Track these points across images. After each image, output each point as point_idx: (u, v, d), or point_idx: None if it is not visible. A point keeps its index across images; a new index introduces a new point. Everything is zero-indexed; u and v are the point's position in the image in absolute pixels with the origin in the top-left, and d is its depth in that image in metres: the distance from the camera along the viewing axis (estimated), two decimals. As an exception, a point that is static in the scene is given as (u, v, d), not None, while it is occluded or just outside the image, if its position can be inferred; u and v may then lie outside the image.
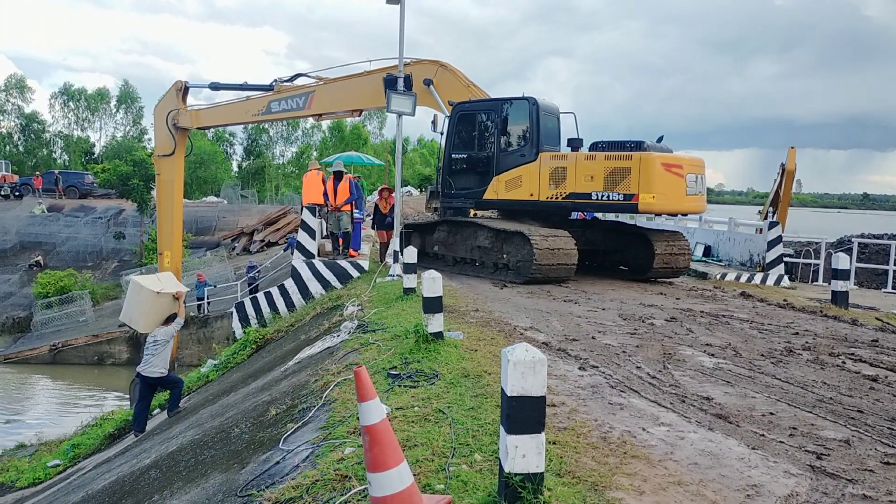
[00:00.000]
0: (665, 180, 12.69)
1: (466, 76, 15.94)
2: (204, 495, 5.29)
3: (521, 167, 14.06)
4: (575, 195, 13.33)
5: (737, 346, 8.11)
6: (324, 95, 17.50)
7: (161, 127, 19.66)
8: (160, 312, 11.16)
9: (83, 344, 26.27)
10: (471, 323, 8.92)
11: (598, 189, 13.00)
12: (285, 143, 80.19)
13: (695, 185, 13.20)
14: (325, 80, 17.64)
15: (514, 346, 3.47)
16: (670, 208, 13.65)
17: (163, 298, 11.15)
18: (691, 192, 13.10)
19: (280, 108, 18.11)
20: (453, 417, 5.04)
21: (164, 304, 11.16)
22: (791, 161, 20.36)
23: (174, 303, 11.21)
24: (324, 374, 7.23)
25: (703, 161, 13.90)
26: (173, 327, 11.07)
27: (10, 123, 72.72)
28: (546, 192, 13.69)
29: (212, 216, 45.54)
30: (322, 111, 18.02)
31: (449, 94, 15.47)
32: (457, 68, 15.95)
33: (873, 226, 43.28)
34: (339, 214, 16.37)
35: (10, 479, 13.03)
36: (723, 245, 20.61)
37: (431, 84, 15.63)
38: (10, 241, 41.34)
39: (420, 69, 15.91)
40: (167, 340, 11.02)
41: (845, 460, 4.55)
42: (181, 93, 19.39)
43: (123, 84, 79.33)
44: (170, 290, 11.28)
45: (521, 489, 3.44)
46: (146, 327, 11.34)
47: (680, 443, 4.74)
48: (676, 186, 12.85)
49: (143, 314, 11.19)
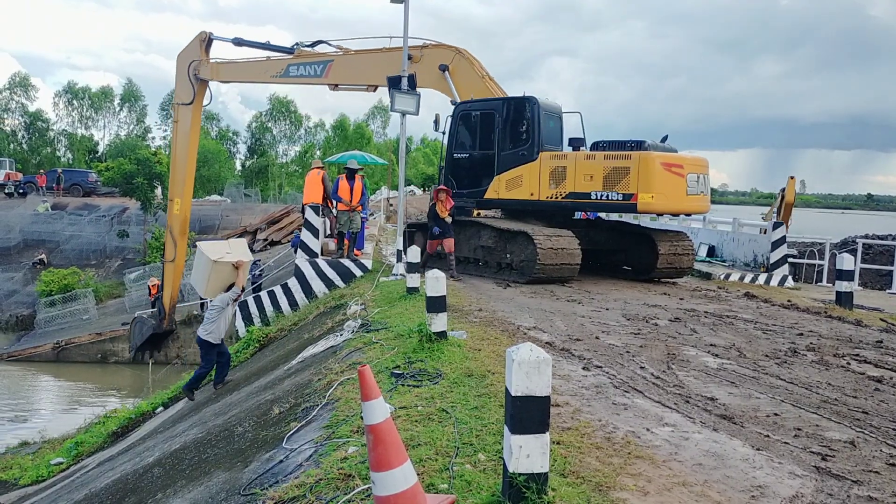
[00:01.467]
0: (664, 180, 12.63)
1: (484, 68, 15.78)
2: (207, 494, 5.29)
3: (522, 167, 14.07)
4: (574, 195, 13.32)
5: (741, 347, 8.09)
6: (342, 66, 17.44)
7: (182, 75, 19.63)
8: (220, 280, 10.99)
9: (86, 342, 26.30)
10: (474, 322, 8.91)
11: (597, 189, 12.98)
12: (288, 142, 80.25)
13: (696, 185, 13.14)
14: (345, 51, 17.55)
15: (518, 346, 3.46)
16: (670, 208, 13.60)
17: (221, 266, 10.91)
18: (693, 192, 13.04)
19: (298, 73, 18.07)
20: (457, 417, 5.03)
21: (224, 272, 10.94)
22: (790, 192, 20.51)
23: (235, 271, 10.98)
24: (327, 373, 7.23)
25: (706, 161, 13.87)
26: (228, 295, 10.86)
27: (15, 121, 72.87)
28: (546, 191, 13.70)
29: (215, 215, 45.58)
30: (338, 81, 17.89)
31: (464, 83, 15.42)
32: (476, 58, 15.78)
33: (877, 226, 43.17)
34: (353, 214, 15.77)
35: (13, 476, 13.05)
36: (727, 245, 20.57)
37: (447, 70, 15.56)
38: (14, 239, 41.42)
39: (437, 53, 15.81)
40: (221, 308, 10.83)
41: (850, 461, 4.53)
42: (204, 44, 19.33)
43: (127, 83, 79.51)
44: (230, 258, 10.97)
45: (525, 489, 3.44)
46: (206, 293, 11.35)
47: (684, 443, 4.73)
48: (677, 186, 12.79)
49: (203, 280, 11.12)
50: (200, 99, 19.74)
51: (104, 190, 48.19)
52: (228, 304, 10.92)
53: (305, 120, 79.91)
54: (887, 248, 23.28)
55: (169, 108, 77.85)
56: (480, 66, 15.75)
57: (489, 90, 15.25)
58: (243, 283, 11.24)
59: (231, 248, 11.42)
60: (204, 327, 10.97)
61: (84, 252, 40.40)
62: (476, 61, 15.77)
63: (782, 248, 17.65)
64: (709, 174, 13.80)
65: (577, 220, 15.86)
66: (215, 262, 10.89)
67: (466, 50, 15.88)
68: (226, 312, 10.93)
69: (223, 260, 10.94)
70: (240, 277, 10.96)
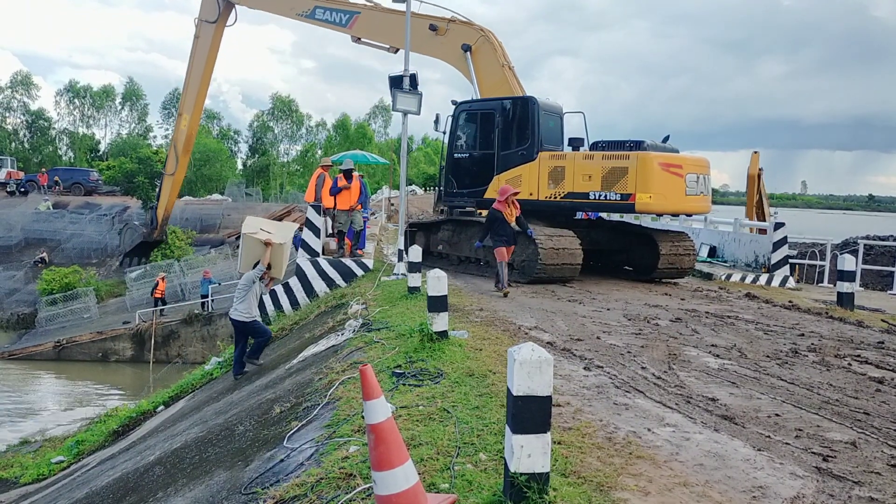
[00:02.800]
0: (663, 180, 12.58)
1: (508, 56, 15.57)
2: (208, 493, 5.29)
3: (521, 166, 14.08)
4: (573, 195, 13.32)
5: (742, 347, 8.09)
6: (368, 20, 17.33)
7: None
8: (249, 255, 10.95)
9: (87, 341, 26.31)
10: (475, 322, 8.91)
11: (595, 189, 12.97)
12: (290, 142, 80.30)
13: (696, 185, 13.10)
14: (374, 6, 17.43)
15: (520, 346, 3.47)
16: (669, 209, 13.55)
17: (249, 240, 10.87)
18: (692, 193, 13.00)
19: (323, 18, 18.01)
20: (458, 417, 5.03)
21: (254, 248, 10.89)
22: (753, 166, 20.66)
23: (264, 249, 10.86)
24: (328, 373, 7.23)
25: (707, 161, 13.84)
26: (252, 273, 10.78)
27: (17, 120, 72.92)
28: (545, 191, 13.71)
29: (216, 214, 45.60)
30: (362, 35, 17.73)
31: (483, 68, 15.33)
32: (500, 44, 15.42)
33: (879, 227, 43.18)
34: (353, 213, 15.69)
35: (14, 475, 13.06)
36: (728, 246, 20.56)
37: (469, 51, 15.47)
38: (16, 237, 41.44)
39: (463, 30, 15.65)
40: (247, 286, 10.75)
41: (851, 462, 4.53)
42: None
43: (128, 81, 79.66)
44: (260, 236, 10.90)
45: (526, 489, 3.44)
46: (240, 266, 11.34)
47: (685, 443, 4.73)
48: (675, 186, 12.73)
49: (240, 253, 11.19)
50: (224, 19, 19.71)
51: (105, 189, 48.24)
52: (254, 282, 10.78)
53: (307, 119, 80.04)
54: (889, 249, 23.29)
55: (171, 105, 78.30)
56: (504, 54, 15.48)
57: (507, 81, 15.14)
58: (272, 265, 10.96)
59: (272, 228, 11.39)
60: (234, 306, 10.95)
61: (85, 251, 40.41)
62: (500, 48, 15.43)
63: (783, 249, 17.64)
64: (710, 174, 13.77)
65: (578, 220, 15.85)
66: (244, 234, 10.96)
67: (493, 34, 15.51)
68: (253, 289, 10.80)
69: (253, 235, 10.88)
70: (266, 256, 10.79)
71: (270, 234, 11.00)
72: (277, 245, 10.98)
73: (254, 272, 10.80)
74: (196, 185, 64.22)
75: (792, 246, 20.27)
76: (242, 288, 10.84)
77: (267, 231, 11.11)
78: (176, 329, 25.74)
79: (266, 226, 11.49)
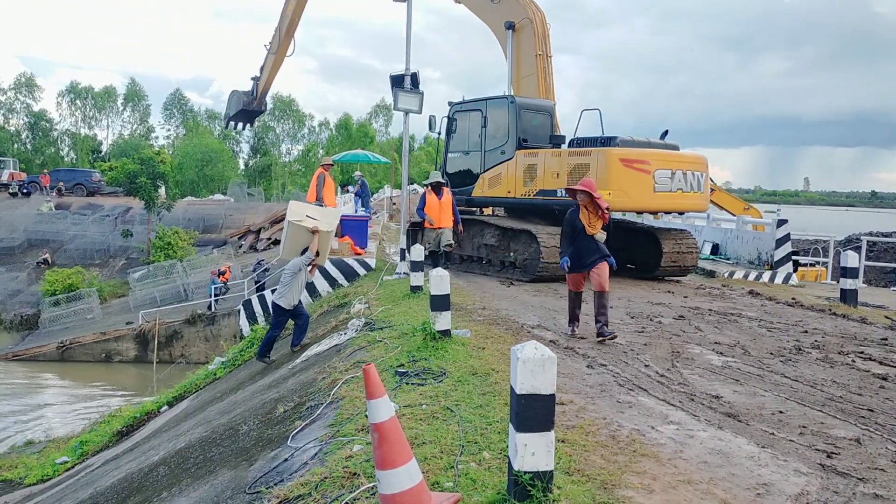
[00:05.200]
0: (624, 177, 12.44)
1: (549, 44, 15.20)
2: (212, 492, 5.30)
3: (502, 165, 14.43)
4: (544, 192, 13.48)
5: (745, 345, 8.08)
6: None
7: None
8: (294, 241, 10.92)
9: (91, 341, 26.32)
10: (478, 321, 8.92)
11: (562, 186, 12.98)
12: (292, 141, 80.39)
13: (670, 181, 12.79)
14: None
15: (523, 344, 3.47)
16: (631, 206, 13.28)
17: (295, 228, 10.82)
18: (663, 189, 12.72)
19: None
20: (461, 415, 5.03)
21: (300, 235, 10.85)
22: None
23: (311, 236, 10.84)
24: (331, 372, 7.24)
25: (699, 158, 13.64)
26: (301, 260, 10.74)
27: (20, 122, 73.02)
28: (521, 189, 13.96)
29: (219, 214, 45.65)
30: None
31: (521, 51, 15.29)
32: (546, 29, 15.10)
33: (881, 224, 43.11)
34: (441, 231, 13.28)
35: (18, 475, 13.08)
36: (731, 243, 20.54)
37: (511, 29, 15.40)
38: (18, 238, 41.46)
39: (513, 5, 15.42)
40: (294, 272, 10.70)
41: (856, 459, 4.53)
42: None
43: (130, 82, 79.74)
44: (307, 223, 10.87)
45: (530, 487, 3.44)
46: (283, 253, 11.37)
47: (689, 441, 4.73)
48: (640, 183, 12.53)
49: (283, 240, 11.17)
50: None
51: (108, 190, 48.27)
52: (301, 270, 10.75)
53: (308, 119, 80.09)
54: (892, 246, 23.25)
55: (173, 106, 78.41)
56: (544, 42, 15.26)
57: (536, 72, 15.13)
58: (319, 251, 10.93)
59: (318, 214, 11.35)
60: (278, 291, 10.94)
61: (88, 252, 40.44)
62: (541, 34, 15.10)
63: (787, 246, 17.62)
64: (703, 171, 13.50)
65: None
66: (290, 222, 10.89)
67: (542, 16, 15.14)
68: (299, 277, 10.77)
69: (299, 223, 10.84)
70: (314, 243, 10.76)
71: (317, 221, 10.96)
72: (325, 232, 10.97)
73: (302, 259, 10.74)
74: (198, 185, 64.30)
75: (794, 243, 20.22)
76: (289, 274, 10.74)
77: (313, 218, 11.06)
78: (179, 329, 25.74)
79: (311, 212, 11.42)
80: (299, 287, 10.93)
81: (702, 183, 13.49)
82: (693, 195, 13.32)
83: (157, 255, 35.62)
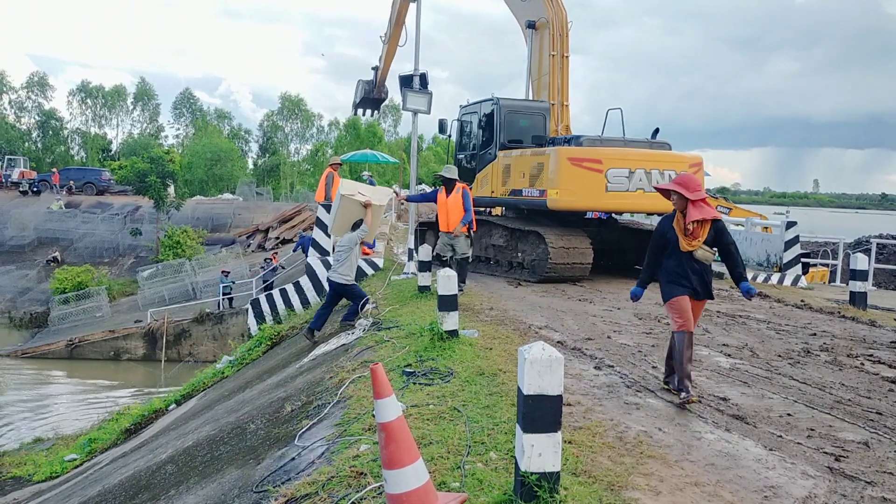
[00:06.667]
0: (573, 176, 12.42)
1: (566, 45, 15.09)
2: (220, 490, 5.32)
3: (489, 165, 14.84)
4: (515, 192, 13.76)
5: (754, 347, 8.06)
6: None
7: None
8: (346, 217, 10.87)
9: (100, 339, 26.44)
10: (486, 321, 8.92)
11: (525, 185, 13.32)
12: (300, 141, 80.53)
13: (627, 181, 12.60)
14: None
15: (530, 345, 3.47)
16: (580, 205, 13.15)
17: (347, 202, 10.75)
18: (618, 189, 12.55)
19: None
20: (468, 415, 5.04)
21: (351, 210, 10.78)
22: None
23: (363, 210, 10.77)
24: (339, 371, 7.25)
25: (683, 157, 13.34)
26: (356, 234, 10.65)
27: (31, 121, 73.39)
28: (500, 189, 14.28)
29: (227, 213, 45.78)
30: None
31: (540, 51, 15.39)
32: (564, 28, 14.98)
33: (892, 226, 42.85)
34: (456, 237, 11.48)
35: (27, 472, 13.16)
36: (739, 245, 20.42)
37: (533, 28, 15.47)
38: (29, 236, 41.70)
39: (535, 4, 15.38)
40: (349, 247, 10.61)
41: (864, 462, 4.51)
42: None
43: (140, 81, 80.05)
44: (359, 198, 10.79)
45: (536, 488, 3.44)
46: (334, 230, 11.47)
47: (696, 443, 4.72)
48: (590, 182, 12.44)
49: (334, 216, 11.19)
50: None
51: (117, 188, 48.47)
52: (356, 245, 10.69)
53: (317, 119, 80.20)
54: (902, 248, 23.09)
55: (182, 105, 78.70)
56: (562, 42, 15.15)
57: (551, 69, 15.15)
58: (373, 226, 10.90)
59: (368, 191, 11.33)
60: (333, 268, 10.87)
61: (97, 250, 40.63)
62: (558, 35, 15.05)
63: (795, 248, 17.54)
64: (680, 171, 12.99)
65: (588, 219, 15.83)
66: (342, 195, 10.82)
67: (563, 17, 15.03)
68: (354, 252, 10.70)
69: (352, 196, 10.77)
70: (368, 217, 10.71)
71: (368, 196, 10.92)
72: (377, 206, 10.93)
73: (358, 233, 10.66)
74: (207, 184, 64.50)
75: (804, 245, 20.14)
76: (344, 250, 10.65)
77: (363, 193, 11.00)
78: (187, 328, 25.83)
79: (363, 189, 11.37)
80: (354, 262, 10.85)
81: None
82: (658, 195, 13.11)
83: (166, 253, 35.75)
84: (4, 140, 65.23)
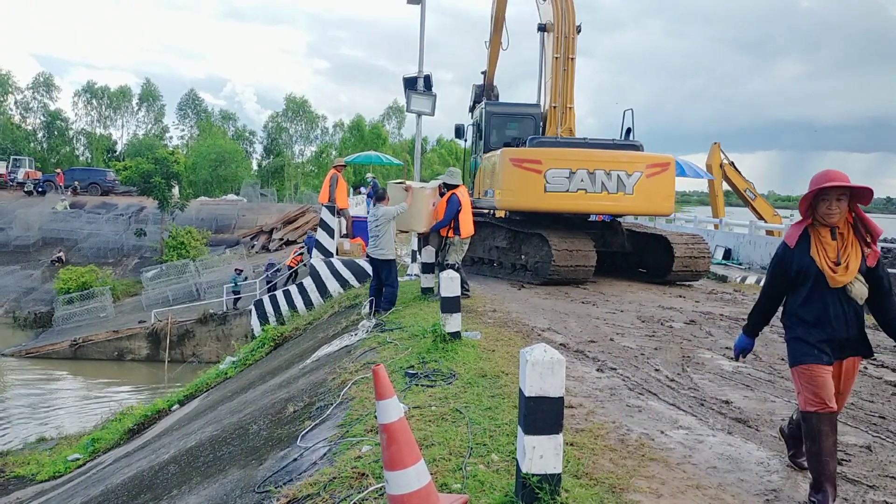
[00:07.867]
0: (514, 177, 12.56)
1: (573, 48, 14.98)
2: (222, 491, 5.33)
3: (478, 169, 15.44)
4: (487, 192, 14.19)
5: (756, 350, 8.03)
6: None
7: None
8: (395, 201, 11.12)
9: (104, 339, 26.53)
10: (488, 323, 8.92)
11: (490, 187, 13.76)
12: (304, 142, 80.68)
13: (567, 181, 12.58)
14: None
15: (532, 347, 3.48)
16: (523, 205, 13.22)
17: (394, 190, 11.30)
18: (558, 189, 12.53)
19: None
20: (470, 417, 5.04)
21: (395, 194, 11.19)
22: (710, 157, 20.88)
23: (404, 193, 11.07)
24: (341, 373, 7.26)
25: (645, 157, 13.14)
26: (393, 209, 10.62)
27: (36, 121, 73.66)
28: (480, 191, 14.93)
29: (232, 214, 45.91)
30: None
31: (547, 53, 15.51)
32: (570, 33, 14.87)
33: (896, 230, 42.67)
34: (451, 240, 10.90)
35: (30, 472, 13.19)
36: (743, 248, 20.44)
37: (543, 30, 15.59)
38: (33, 236, 41.83)
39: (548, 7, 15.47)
40: (386, 220, 10.52)
41: (866, 466, 4.50)
42: None
43: (145, 82, 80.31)
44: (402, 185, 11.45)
45: (538, 490, 3.44)
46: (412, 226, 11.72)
47: (698, 446, 4.72)
48: (528, 183, 12.50)
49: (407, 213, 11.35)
50: None
51: (122, 189, 48.62)
52: (393, 219, 10.58)
53: (321, 120, 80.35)
54: (906, 252, 22.95)
55: (187, 107, 78.93)
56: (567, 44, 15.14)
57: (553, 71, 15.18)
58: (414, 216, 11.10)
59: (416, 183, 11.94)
60: (372, 246, 10.71)
61: (102, 250, 40.75)
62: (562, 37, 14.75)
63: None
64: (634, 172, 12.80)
65: (592, 221, 15.83)
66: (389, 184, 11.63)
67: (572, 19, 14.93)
68: (391, 226, 10.62)
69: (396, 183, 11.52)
70: (409, 199, 10.90)
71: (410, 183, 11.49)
72: (417, 189, 11.08)
73: (394, 208, 10.62)
74: (212, 185, 64.64)
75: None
76: (381, 223, 10.52)
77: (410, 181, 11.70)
78: (191, 328, 25.90)
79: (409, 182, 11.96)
80: (391, 237, 10.74)
81: (628, 184, 12.80)
82: (604, 196, 12.76)
83: (170, 254, 35.86)
84: (10, 140, 65.44)
